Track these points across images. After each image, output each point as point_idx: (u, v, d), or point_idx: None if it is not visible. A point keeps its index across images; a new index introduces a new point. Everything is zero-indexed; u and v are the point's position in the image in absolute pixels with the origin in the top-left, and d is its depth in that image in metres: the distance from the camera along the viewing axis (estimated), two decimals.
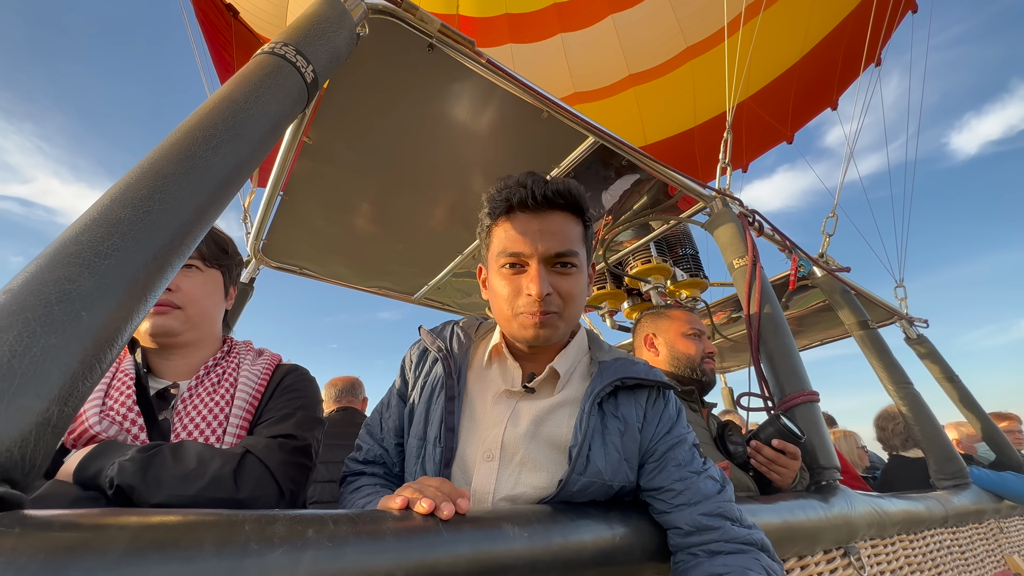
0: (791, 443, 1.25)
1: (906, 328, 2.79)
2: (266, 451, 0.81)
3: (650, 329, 1.63)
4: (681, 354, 1.53)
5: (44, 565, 0.36)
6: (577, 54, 5.53)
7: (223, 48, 2.59)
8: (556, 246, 0.79)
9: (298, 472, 0.85)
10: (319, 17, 0.96)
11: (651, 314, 1.69)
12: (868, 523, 1.25)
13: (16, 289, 0.45)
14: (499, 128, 1.55)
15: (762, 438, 1.29)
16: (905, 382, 2.14)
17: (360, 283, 2.37)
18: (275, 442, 0.84)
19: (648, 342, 1.62)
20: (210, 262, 0.99)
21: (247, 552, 0.44)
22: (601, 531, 0.71)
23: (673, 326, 1.58)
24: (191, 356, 0.96)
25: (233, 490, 0.75)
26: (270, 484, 0.79)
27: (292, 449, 0.85)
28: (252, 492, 0.77)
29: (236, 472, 0.77)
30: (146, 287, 0.53)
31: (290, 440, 0.86)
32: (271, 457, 0.81)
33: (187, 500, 0.72)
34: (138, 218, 0.54)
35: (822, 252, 2.37)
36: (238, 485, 0.76)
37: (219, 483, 0.74)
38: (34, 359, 0.42)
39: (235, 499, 0.75)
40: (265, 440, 0.84)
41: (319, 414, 0.98)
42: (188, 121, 0.67)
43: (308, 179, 1.69)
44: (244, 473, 0.77)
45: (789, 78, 4.35)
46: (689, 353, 1.53)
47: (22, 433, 0.40)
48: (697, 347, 1.53)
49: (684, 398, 1.45)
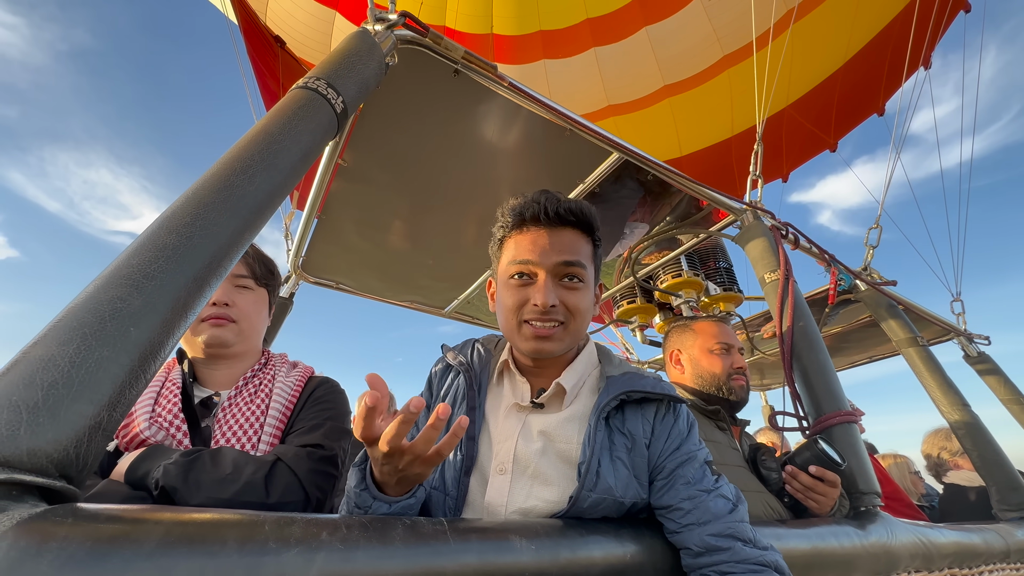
0: (830, 469, 1.18)
1: (965, 345, 2.61)
2: (295, 459, 0.87)
3: (675, 345, 1.60)
4: (705, 371, 1.48)
5: (90, 552, 0.41)
6: (610, 67, 5.54)
7: (271, 78, 2.78)
8: (565, 256, 0.82)
9: (325, 480, 0.90)
10: (350, 51, 1.03)
11: (678, 328, 1.64)
12: (911, 554, 1.18)
13: (76, 307, 0.51)
14: (524, 146, 1.59)
15: (798, 463, 1.22)
16: (962, 404, 2.00)
17: (393, 297, 2.45)
18: (304, 451, 0.89)
19: (674, 358, 1.58)
20: (260, 282, 1.09)
21: (266, 551, 0.48)
22: (612, 548, 0.72)
23: (698, 341, 1.54)
24: (235, 367, 1.04)
25: (264, 495, 0.80)
26: (298, 491, 0.84)
27: (320, 458, 0.90)
28: (281, 497, 0.82)
29: (267, 478, 0.82)
30: (187, 305, 0.59)
31: (318, 450, 0.91)
32: (300, 465, 0.86)
33: (223, 502, 0.78)
34: (181, 243, 0.60)
35: (865, 265, 2.26)
36: (268, 491, 0.81)
37: (252, 488, 0.80)
38: (89, 369, 0.48)
39: (265, 503, 0.80)
40: (295, 449, 0.89)
41: (347, 425, 1.03)
42: (228, 153, 0.74)
43: (344, 199, 1.78)
44: (274, 480, 0.83)
45: (832, 84, 4.20)
46: (714, 371, 1.47)
47: (77, 435, 0.46)
48: (724, 363, 1.48)
49: (710, 417, 1.40)
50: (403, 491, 0.67)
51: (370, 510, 0.65)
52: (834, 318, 2.74)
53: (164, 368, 1.00)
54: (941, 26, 3.11)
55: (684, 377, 1.53)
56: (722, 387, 1.45)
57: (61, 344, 0.48)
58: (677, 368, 1.56)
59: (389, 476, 0.64)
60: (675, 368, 1.57)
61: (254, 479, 0.81)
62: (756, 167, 1.86)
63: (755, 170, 1.86)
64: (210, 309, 0.98)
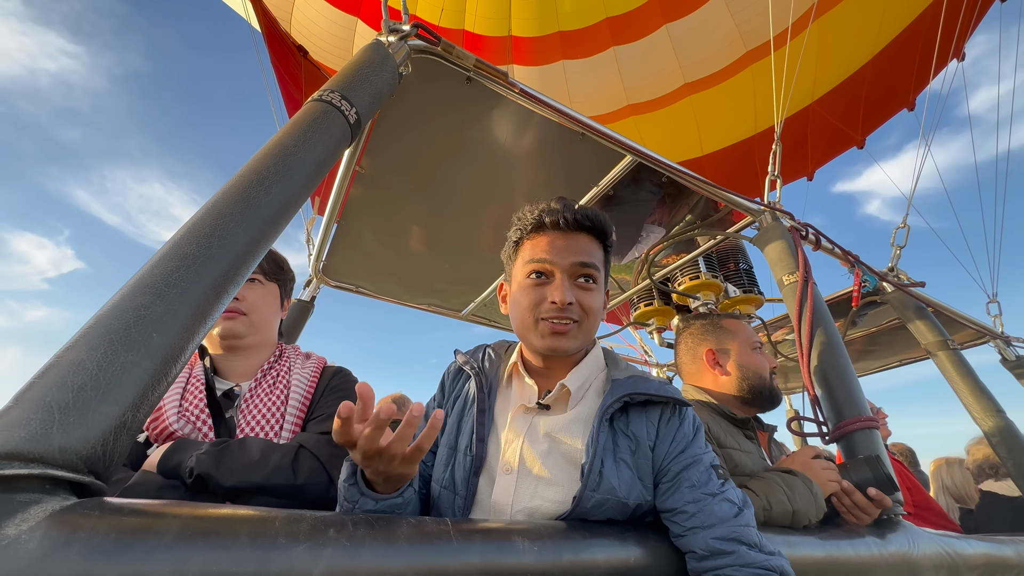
0: (888, 493, 1.12)
1: (1002, 349, 2.51)
2: (317, 446, 0.94)
3: (712, 344, 1.40)
4: (753, 372, 1.33)
5: (114, 543, 0.44)
6: (630, 66, 5.49)
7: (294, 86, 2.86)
8: (582, 257, 0.86)
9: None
10: (364, 63, 1.06)
11: (705, 327, 1.46)
12: (936, 565, 1.14)
13: (104, 314, 0.55)
14: (538, 151, 1.60)
15: (854, 480, 1.15)
16: (996, 410, 1.92)
17: (411, 300, 2.50)
18: (324, 438, 0.96)
19: (711, 359, 1.39)
20: (269, 276, 1.16)
21: (275, 546, 0.50)
22: (615, 551, 0.72)
23: (737, 339, 1.38)
24: (252, 359, 1.10)
25: (292, 478, 0.88)
26: (322, 473, 0.91)
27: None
28: (308, 479, 0.89)
29: (294, 463, 0.89)
30: (205, 312, 0.62)
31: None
32: (321, 451, 0.93)
33: (254, 486, 0.85)
34: (201, 253, 0.64)
35: (892, 266, 2.19)
36: (296, 473, 0.89)
37: (281, 471, 0.87)
38: (115, 373, 0.52)
39: (293, 484, 0.87)
40: (316, 436, 0.96)
41: None
42: (246, 166, 0.78)
43: (362, 204, 1.83)
44: (300, 464, 0.90)
45: (860, 79, 4.07)
46: (762, 371, 1.34)
47: (104, 434, 0.50)
48: (767, 361, 1.36)
49: (739, 426, 1.31)
50: (390, 490, 0.70)
51: (357, 505, 0.68)
52: (863, 320, 2.66)
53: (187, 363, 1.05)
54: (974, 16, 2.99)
55: (725, 382, 1.36)
56: (766, 387, 1.33)
57: (90, 349, 0.52)
58: (716, 371, 1.38)
59: (374, 476, 0.67)
60: (713, 371, 1.38)
61: (282, 463, 0.88)
62: (775, 167, 1.82)
63: (773, 170, 1.82)
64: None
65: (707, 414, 1.27)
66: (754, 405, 1.35)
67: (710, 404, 1.31)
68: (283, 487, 0.86)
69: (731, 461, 1.19)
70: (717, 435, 1.21)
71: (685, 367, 1.49)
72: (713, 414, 1.29)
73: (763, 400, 1.34)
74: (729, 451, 1.20)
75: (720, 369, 1.38)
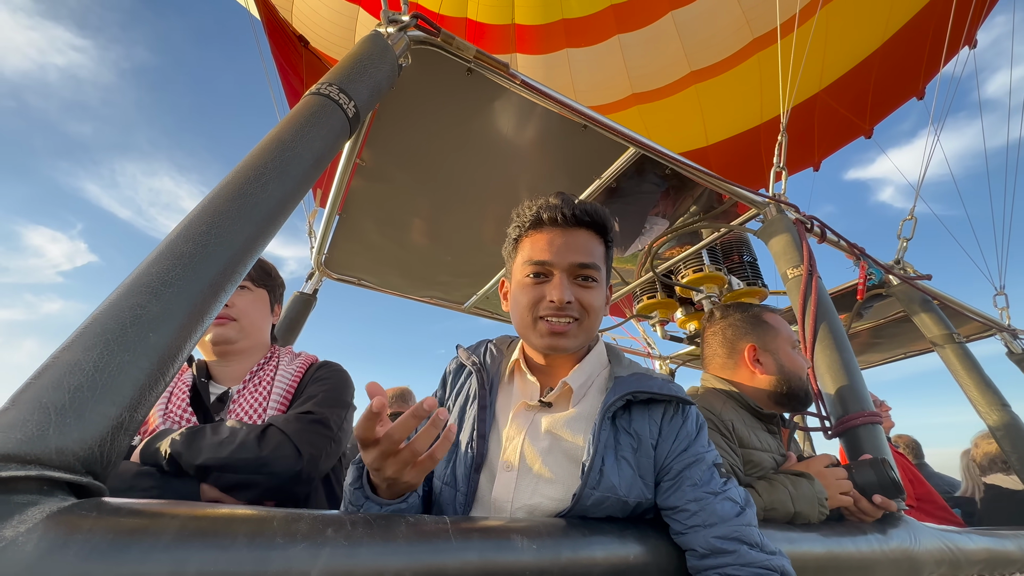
0: (892, 497, 1.11)
1: (1008, 342, 2.49)
2: (284, 422, 0.96)
3: (755, 340, 1.33)
4: (794, 375, 1.27)
5: (111, 543, 0.44)
6: (635, 54, 5.41)
7: (295, 77, 2.83)
8: (580, 258, 0.84)
9: (315, 438, 0.98)
10: (363, 55, 1.05)
11: (747, 320, 1.37)
12: (937, 560, 1.14)
13: (100, 314, 0.55)
14: (540, 143, 1.58)
15: (858, 483, 1.13)
16: (1001, 403, 1.91)
17: (414, 293, 2.50)
18: (294, 415, 0.99)
19: (752, 356, 1.31)
20: (257, 283, 1.20)
21: (273, 545, 0.50)
22: (614, 548, 0.72)
23: (780, 337, 1.32)
24: (243, 363, 1.14)
25: (257, 450, 0.90)
26: (288, 446, 0.93)
27: (309, 421, 0.99)
28: (273, 452, 0.91)
29: (259, 438, 0.92)
30: (202, 311, 0.62)
31: (307, 415, 1.00)
32: (288, 426, 0.96)
33: (221, 461, 0.88)
34: (197, 251, 0.63)
35: (898, 258, 2.17)
36: (260, 446, 0.91)
37: (245, 447, 0.90)
38: (112, 373, 0.52)
39: (258, 456, 0.89)
40: (285, 415, 0.99)
41: (344, 397, 1.12)
42: (243, 162, 0.77)
43: (363, 197, 1.82)
44: (266, 438, 0.93)
45: (868, 67, 4.00)
46: (801, 373, 1.28)
47: (102, 435, 0.50)
48: (805, 362, 1.31)
49: (763, 420, 1.26)
50: (394, 496, 0.70)
51: (362, 508, 0.68)
52: (868, 312, 2.65)
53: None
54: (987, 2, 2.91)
55: (760, 379, 1.30)
56: (802, 391, 1.28)
57: (86, 349, 0.52)
58: (753, 367, 1.31)
59: (380, 481, 0.67)
60: (751, 367, 1.31)
61: (247, 439, 0.91)
62: (780, 158, 1.80)
63: (779, 162, 1.80)
64: None
65: (732, 407, 1.22)
66: (786, 406, 1.30)
67: (734, 395, 1.26)
68: (248, 461, 0.88)
69: (752, 462, 1.15)
70: (740, 435, 1.16)
71: (717, 358, 1.39)
72: (738, 407, 1.24)
73: (797, 402, 1.29)
74: (750, 451, 1.16)
75: (760, 367, 1.31)
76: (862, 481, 1.14)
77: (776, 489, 1.04)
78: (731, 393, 1.27)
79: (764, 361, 1.31)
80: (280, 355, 1.18)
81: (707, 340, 1.45)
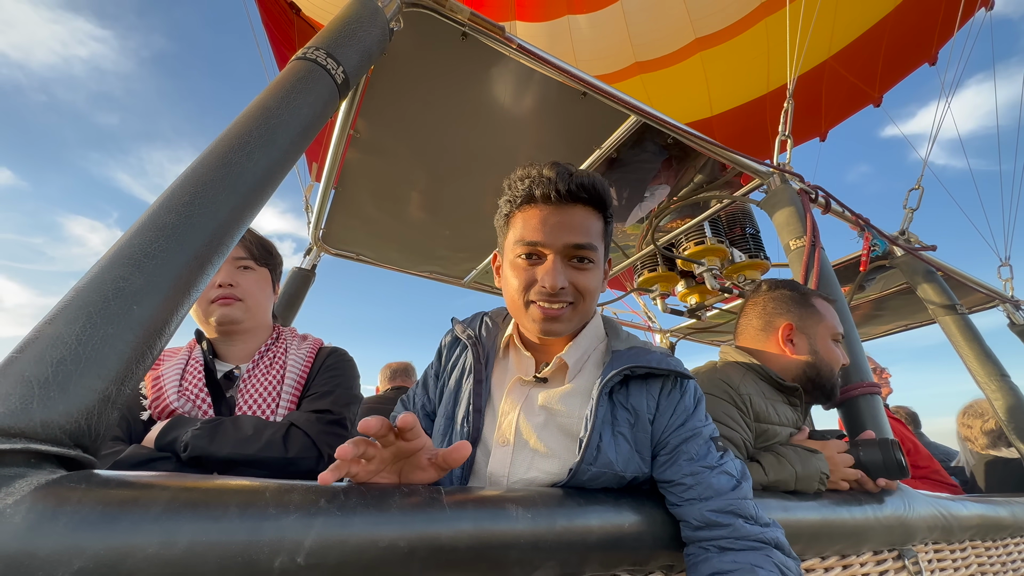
0: (894, 479, 1.11)
1: (1011, 312, 2.47)
2: (307, 423, 0.98)
3: (794, 319, 1.26)
4: (827, 366, 1.23)
5: (101, 515, 0.44)
6: (638, 20, 5.22)
7: (287, 47, 2.75)
8: (575, 239, 0.79)
9: (335, 439, 1.00)
10: (351, 18, 1.00)
11: (793, 298, 1.30)
12: (929, 526, 1.16)
13: (82, 287, 0.53)
14: (539, 111, 1.54)
15: (861, 458, 1.13)
16: (1000, 374, 1.91)
17: (412, 268, 2.48)
18: (314, 416, 1.00)
19: (786, 335, 1.25)
20: (260, 262, 1.19)
21: (266, 516, 0.50)
22: (610, 516, 0.72)
23: (823, 325, 1.25)
24: (249, 342, 1.14)
25: (283, 452, 0.93)
26: (312, 448, 0.96)
27: (328, 421, 1.01)
28: (298, 453, 0.94)
29: (284, 438, 0.94)
30: (189, 283, 0.61)
31: (326, 415, 1.02)
32: (311, 428, 0.98)
33: (247, 458, 0.90)
34: (181, 222, 0.62)
35: (903, 229, 2.14)
36: (287, 448, 0.93)
37: (272, 446, 0.92)
38: (95, 346, 0.51)
39: (285, 457, 0.92)
40: (306, 414, 1.01)
41: (355, 391, 1.14)
42: (227, 130, 0.74)
43: (359, 170, 1.78)
44: (290, 439, 0.95)
45: (879, 32, 3.86)
46: (835, 366, 1.24)
47: (88, 407, 0.49)
48: (842, 357, 1.26)
49: (786, 392, 1.21)
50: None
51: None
52: (871, 283, 2.63)
53: (187, 347, 1.12)
54: None
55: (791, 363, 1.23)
56: (829, 384, 1.23)
57: (68, 323, 0.51)
58: (786, 346, 1.25)
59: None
60: (782, 345, 1.25)
61: (274, 439, 0.93)
62: (786, 127, 1.75)
63: (784, 130, 1.75)
64: (217, 291, 1.08)
65: (752, 379, 1.17)
66: (810, 393, 1.24)
67: (755, 367, 1.20)
68: (275, 460, 0.91)
69: (766, 435, 1.13)
70: (758, 408, 1.12)
71: (751, 329, 1.33)
72: (758, 379, 1.18)
73: (820, 393, 1.24)
74: (767, 426, 1.13)
75: (792, 347, 1.24)
76: (868, 460, 1.12)
77: (783, 468, 1.03)
78: (751, 365, 1.20)
79: (798, 343, 1.24)
80: (287, 336, 1.19)
81: (746, 311, 1.37)
